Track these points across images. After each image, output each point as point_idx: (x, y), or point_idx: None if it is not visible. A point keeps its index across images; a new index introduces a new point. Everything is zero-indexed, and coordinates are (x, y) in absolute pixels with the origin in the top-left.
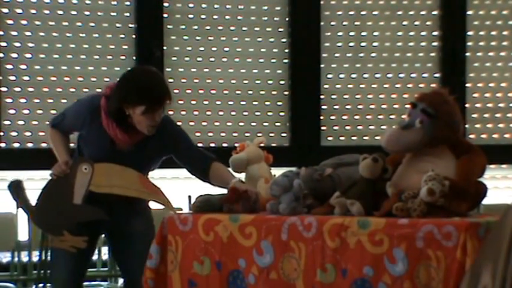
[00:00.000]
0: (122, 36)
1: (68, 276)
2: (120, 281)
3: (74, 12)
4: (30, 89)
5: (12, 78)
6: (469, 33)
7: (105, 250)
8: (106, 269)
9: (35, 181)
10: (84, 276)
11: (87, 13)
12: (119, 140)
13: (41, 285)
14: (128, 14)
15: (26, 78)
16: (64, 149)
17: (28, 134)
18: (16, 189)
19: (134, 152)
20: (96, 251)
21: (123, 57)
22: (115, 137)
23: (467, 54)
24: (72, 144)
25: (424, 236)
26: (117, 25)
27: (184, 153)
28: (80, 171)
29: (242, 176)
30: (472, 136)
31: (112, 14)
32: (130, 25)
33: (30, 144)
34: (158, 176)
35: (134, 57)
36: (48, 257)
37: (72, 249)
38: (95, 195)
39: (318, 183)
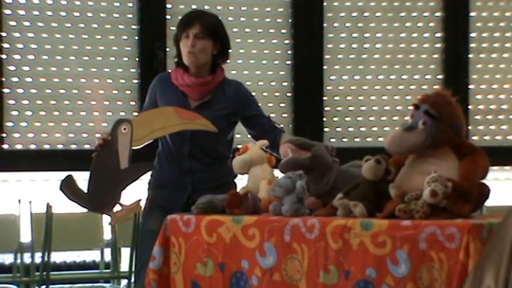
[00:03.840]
0: (125, 37)
1: None
2: (123, 282)
3: (76, 14)
4: (33, 91)
5: (15, 79)
6: (472, 34)
7: (107, 252)
8: (109, 270)
9: (38, 182)
10: None
11: (89, 14)
12: (187, 88)
13: (43, 286)
14: (130, 16)
15: (29, 79)
16: None
17: (31, 135)
18: (65, 187)
19: (206, 105)
20: (99, 253)
21: (125, 59)
22: (183, 84)
23: (470, 55)
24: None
25: (427, 238)
26: (120, 26)
27: (253, 120)
28: (120, 134)
29: (245, 177)
30: (475, 138)
31: (115, 15)
32: (133, 26)
33: (33, 146)
34: None
35: (137, 59)
36: (51, 259)
37: (131, 219)
38: (177, 182)
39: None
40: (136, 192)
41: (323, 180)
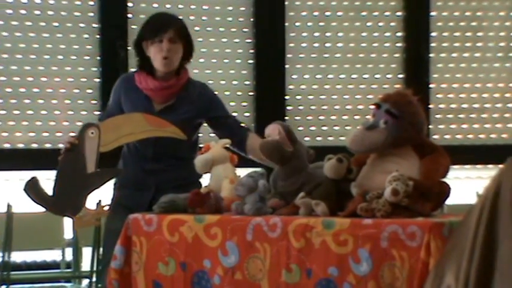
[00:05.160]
0: (86, 36)
1: None
2: (84, 282)
3: (37, 12)
4: None
5: None
6: (433, 34)
7: (68, 251)
8: (70, 270)
9: (12, 182)
10: None
11: (50, 13)
12: (151, 92)
13: (3, 286)
14: (91, 14)
15: None
16: None
17: None
18: (30, 189)
19: (170, 109)
20: (60, 253)
21: (87, 58)
22: (146, 87)
23: (431, 55)
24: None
25: (388, 236)
26: (81, 25)
27: (220, 122)
28: (87, 138)
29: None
30: (435, 136)
31: (76, 13)
32: (94, 25)
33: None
34: None
35: (98, 58)
36: (12, 259)
37: (97, 223)
38: (140, 182)
39: None
40: (104, 193)
41: (291, 178)
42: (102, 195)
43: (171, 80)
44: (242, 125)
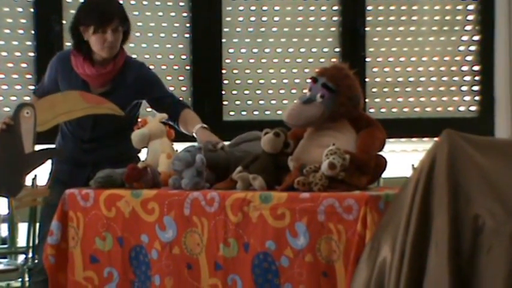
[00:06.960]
0: (20, 9)
1: None
2: (20, 257)
3: None
4: None
5: None
6: (368, 8)
7: (4, 227)
8: (5, 246)
9: None
10: None
11: None
12: (88, 77)
13: None
14: None
15: None
16: None
17: None
18: None
19: (107, 94)
20: None
21: (21, 31)
22: (83, 73)
23: (367, 29)
24: None
25: (325, 210)
26: None
27: (158, 102)
28: (22, 118)
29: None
30: (371, 110)
31: None
32: None
33: None
34: None
35: (32, 32)
36: None
37: (36, 203)
38: (78, 158)
39: (211, 154)
40: (41, 168)
41: None
42: (39, 170)
43: (108, 66)
44: (180, 101)
